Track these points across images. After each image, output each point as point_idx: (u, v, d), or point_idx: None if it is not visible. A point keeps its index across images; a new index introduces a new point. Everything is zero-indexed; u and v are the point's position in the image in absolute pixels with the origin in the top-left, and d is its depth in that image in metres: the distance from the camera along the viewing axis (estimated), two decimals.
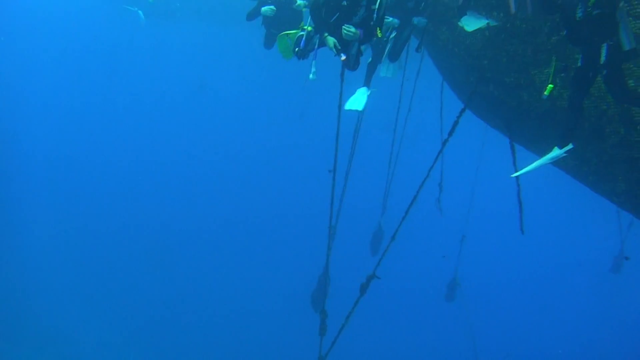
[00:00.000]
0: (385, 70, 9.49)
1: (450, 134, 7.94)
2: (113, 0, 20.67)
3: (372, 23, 6.22)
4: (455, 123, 7.88)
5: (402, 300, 23.18)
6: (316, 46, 6.59)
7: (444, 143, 8.06)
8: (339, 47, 6.28)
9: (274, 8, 8.99)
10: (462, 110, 7.88)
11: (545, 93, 5.85)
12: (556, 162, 7.02)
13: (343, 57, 6.31)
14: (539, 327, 23.90)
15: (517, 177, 7.73)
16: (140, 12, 19.12)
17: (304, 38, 6.74)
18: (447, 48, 8.81)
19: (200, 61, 26.69)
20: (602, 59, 5.33)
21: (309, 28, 7.06)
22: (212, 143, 31.95)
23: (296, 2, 9.03)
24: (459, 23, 8.18)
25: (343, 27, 6.19)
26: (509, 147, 8.23)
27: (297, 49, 6.86)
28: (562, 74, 6.31)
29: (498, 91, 8.33)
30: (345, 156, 10.39)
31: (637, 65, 5.98)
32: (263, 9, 8.99)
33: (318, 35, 6.58)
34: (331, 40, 6.27)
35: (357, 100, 8.13)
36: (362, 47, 6.90)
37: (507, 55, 7.90)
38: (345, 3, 6.16)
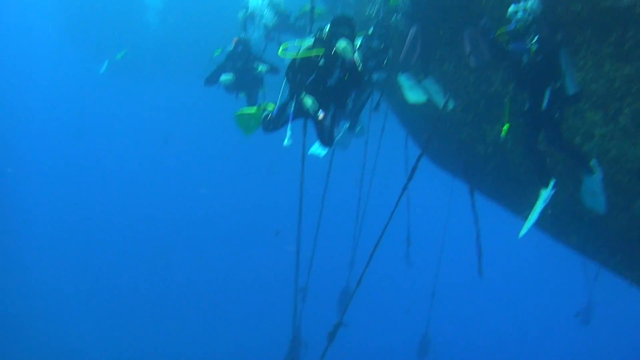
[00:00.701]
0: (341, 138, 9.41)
1: (409, 179, 7.87)
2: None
3: (346, 78, 6.13)
4: (414, 169, 7.80)
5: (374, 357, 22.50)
6: (291, 116, 6.39)
7: (404, 189, 8.00)
8: (317, 107, 6.09)
9: (233, 78, 8.88)
10: (419, 157, 7.84)
11: (502, 134, 5.96)
12: (522, 214, 7.05)
13: (321, 115, 6.11)
14: None
15: (477, 224, 7.82)
16: (105, 62, 19.47)
17: (276, 108, 6.61)
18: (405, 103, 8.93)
19: (164, 116, 26.91)
20: (546, 102, 5.54)
21: (271, 107, 7.00)
22: (177, 195, 31.88)
23: (258, 68, 9.00)
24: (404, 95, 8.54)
25: (302, 97, 6.09)
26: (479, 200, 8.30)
27: (268, 116, 6.76)
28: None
29: (455, 144, 8.49)
30: (315, 213, 10.15)
31: (582, 122, 6.11)
32: (222, 78, 8.87)
33: (292, 102, 6.42)
34: (309, 100, 6.08)
35: (318, 149, 8.04)
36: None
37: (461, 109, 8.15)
38: (321, 63, 6.01)
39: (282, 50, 6.23)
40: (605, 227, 6.63)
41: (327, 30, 6.10)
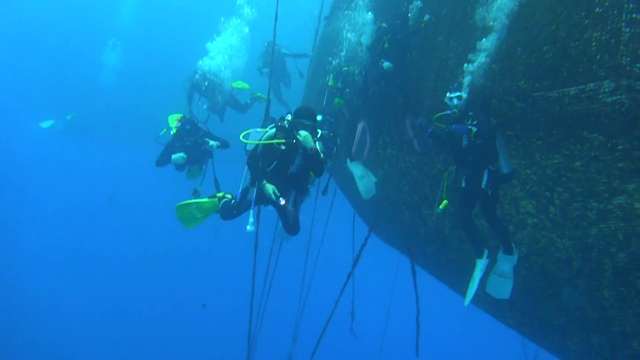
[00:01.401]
0: None
1: (356, 260, 8.04)
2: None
3: (311, 172, 6.23)
4: (362, 247, 7.97)
5: None
6: (253, 201, 6.35)
7: (352, 268, 8.17)
8: (278, 194, 6.02)
9: (185, 156, 8.73)
10: (367, 237, 8.04)
11: (440, 207, 6.21)
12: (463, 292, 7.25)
13: (282, 202, 6.05)
14: None
15: (417, 303, 7.97)
16: (52, 120, 19.38)
17: (239, 194, 6.56)
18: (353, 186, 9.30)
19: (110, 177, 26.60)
20: (484, 182, 5.89)
21: (229, 195, 7.04)
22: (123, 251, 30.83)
23: (208, 144, 8.96)
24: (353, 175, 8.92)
25: (264, 185, 6.03)
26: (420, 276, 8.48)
27: (232, 202, 6.69)
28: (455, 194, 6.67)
29: (399, 224, 8.77)
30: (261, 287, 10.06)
31: (516, 211, 6.50)
32: (174, 157, 8.70)
33: (254, 189, 6.40)
34: (270, 187, 5.99)
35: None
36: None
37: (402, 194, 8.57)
38: (283, 148, 6.03)
39: (243, 136, 6.22)
40: (535, 312, 6.92)
41: (288, 120, 6.21)
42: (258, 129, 6.31)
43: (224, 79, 11.99)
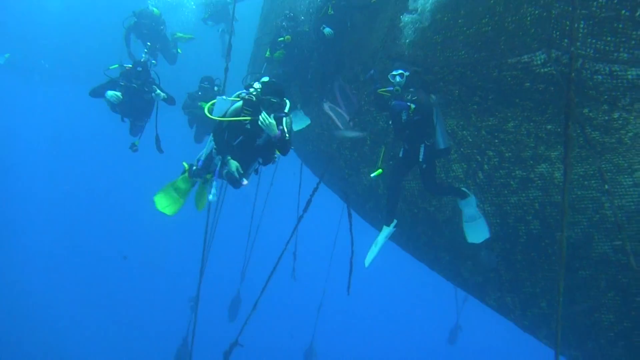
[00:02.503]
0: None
1: (305, 209, 8.09)
2: None
3: (286, 139, 5.76)
4: (310, 199, 8.02)
5: None
6: (216, 173, 6.03)
7: (299, 218, 8.23)
8: (241, 172, 5.78)
9: (120, 96, 8.01)
10: (316, 187, 8.07)
11: (372, 175, 6.30)
12: (395, 240, 7.43)
13: (245, 182, 5.81)
14: None
15: (352, 245, 8.11)
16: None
17: (201, 159, 6.28)
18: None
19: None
20: (421, 156, 5.94)
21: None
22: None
23: (155, 91, 8.30)
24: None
25: (228, 160, 5.75)
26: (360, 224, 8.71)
27: (194, 167, 6.38)
28: (391, 162, 6.75)
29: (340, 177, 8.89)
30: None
31: (446, 175, 6.73)
32: (109, 93, 7.97)
33: (219, 157, 6.05)
34: (234, 164, 5.72)
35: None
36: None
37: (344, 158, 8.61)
38: (248, 127, 5.73)
39: (207, 109, 5.85)
40: (458, 270, 7.22)
41: (256, 91, 5.89)
42: (225, 97, 5.95)
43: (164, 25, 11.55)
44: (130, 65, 8.33)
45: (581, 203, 5.47)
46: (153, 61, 8.75)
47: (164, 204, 6.88)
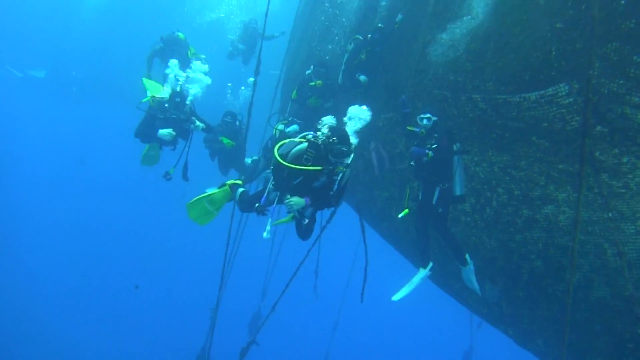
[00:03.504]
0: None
1: (325, 224, 8.22)
2: None
3: (331, 193, 5.65)
4: (330, 217, 8.13)
5: None
6: (272, 211, 5.90)
7: (320, 232, 8.37)
8: (304, 214, 5.71)
9: (173, 133, 8.03)
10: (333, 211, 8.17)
11: (400, 215, 6.37)
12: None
13: (306, 222, 5.75)
14: None
15: (365, 253, 8.15)
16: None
17: (265, 195, 6.05)
18: None
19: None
20: (435, 198, 6.07)
21: (239, 182, 6.65)
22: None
23: (195, 123, 8.27)
24: None
25: (285, 198, 5.61)
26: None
27: (257, 205, 6.09)
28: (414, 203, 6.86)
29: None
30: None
31: (453, 208, 6.75)
32: (162, 132, 8.03)
33: (277, 193, 5.94)
34: (297, 204, 5.59)
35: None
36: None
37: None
38: (318, 171, 5.50)
39: (278, 151, 5.67)
40: (465, 299, 7.28)
41: (323, 135, 5.72)
42: (295, 139, 5.85)
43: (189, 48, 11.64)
44: (167, 97, 8.27)
45: (584, 247, 5.47)
46: (191, 91, 8.69)
47: (196, 214, 6.91)
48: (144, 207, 28.84)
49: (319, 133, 5.78)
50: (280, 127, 8.76)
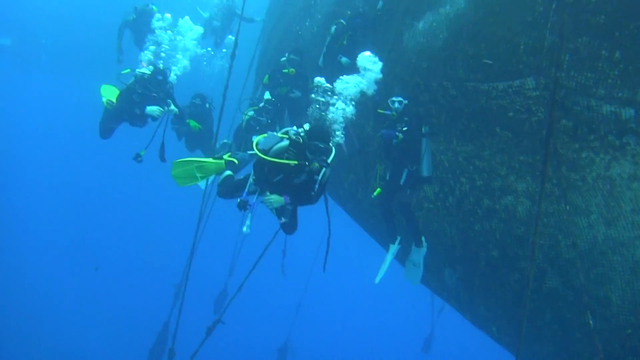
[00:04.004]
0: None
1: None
2: None
3: (312, 193, 5.56)
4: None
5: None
6: (253, 206, 5.73)
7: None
8: (281, 213, 5.67)
9: (162, 110, 7.75)
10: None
11: (373, 195, 6.44)
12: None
13: (282, 221, 5.72)
14: None
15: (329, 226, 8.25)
16: None
17: (246, 190, 5.84)
18: None
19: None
20: (402, 180, 6.15)
21: (235, 160, 6.49)
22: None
23: (170, 106, 7.98)
24: None
25: (264, 197, 5.57)
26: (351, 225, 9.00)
27: (239, 201, 5.85)
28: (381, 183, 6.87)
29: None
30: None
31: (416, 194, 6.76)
32: (150, 108, 7.70)
33: (256, 192, 5.79)
34: (275, 202, 5.54)
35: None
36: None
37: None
38: (292, 166, 5.44)
39: (256, 145, 5.64)
40: (428, 284, 7.42)
41: (303, 133, 5.63)
42: (275, 133, 5.79)
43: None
44: (149, 73, 7.95)
45: (539, 239, 5.57)
46: (175, 71, 8.44)
47: (180, 173, 6.71)
48: (116, 180, 28.28)
49: (300, 130, 5.73)
50: (251, 112, 8.62)
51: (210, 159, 6.77)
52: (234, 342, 21.73)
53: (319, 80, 6.21)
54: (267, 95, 8.72)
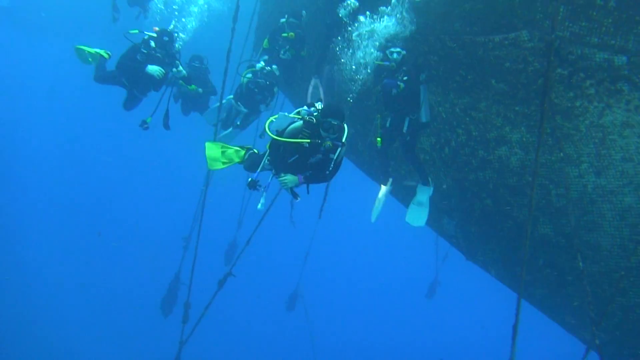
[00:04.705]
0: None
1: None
2: None
3: (327, 172, 5.44)
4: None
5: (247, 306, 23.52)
6: (267, 186, 5.65)
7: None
8: (297, 193, 5.55)
9: (164, 71, 7.47)
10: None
11: (379, 145, 6.51)
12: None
13: (298, 198, 5.64)
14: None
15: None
16: None
17: (258, 170, 5.82)
18: None
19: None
20: (405, 128, 6.29)
21: (256, 151, 6.36)
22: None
23: (178, 67, 7.78)
24: None
25: (278, 177, 5.48)
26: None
27: (250, 180, 5.81)
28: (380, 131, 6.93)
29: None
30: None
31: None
32: (151, 68, 7.43)
33: (273, 170, 5.77)
34: (290, 182, 5.40)
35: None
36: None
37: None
38: (307, 145, 5.32)
39: (268, 125, 5.53)
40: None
41: (316, 116, 5.47)
42: (286, 114, 5.67)
43: None
44: (155, 34, 7.70)
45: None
46: (181, 34, 8.21)
47: (212, 156, 6.64)
48: (120, 140, 28.28)
49: (312, 109, 5.66)
50: (249, 75, 8.58)
51: (235, 147, 6.70)
52: (246, 292, 22.42)
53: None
54: (261, 63, 8.67)
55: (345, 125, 5.46)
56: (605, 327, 5.56)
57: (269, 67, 8.58)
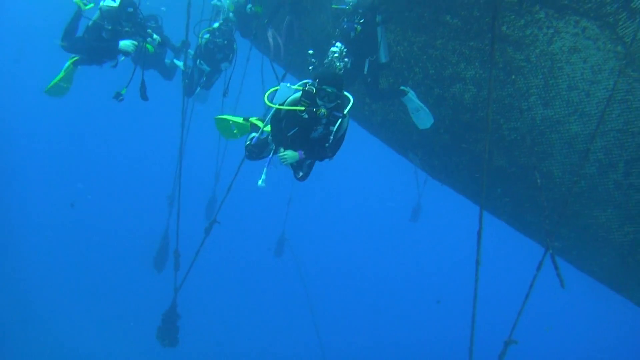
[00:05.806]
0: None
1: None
2: None
3: (327, 145, 5.24)
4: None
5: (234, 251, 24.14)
6: (271, 154, 5.43)
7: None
8: (295, 165, 5.39)
9: (136, 44, 6.98)
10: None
11: None
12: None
13: (300, 175, 5.51)
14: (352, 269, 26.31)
15: None
16: None
17: (255, 139, 5.68)
18: None
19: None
20: (365, 69, 6.42)
21: (260, 123, 6.06)
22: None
23: (152, 36, 7.38)
24: None
25: (278, 153, 5.24)
26: None
27: (248, 143, 5.74)
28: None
29: None
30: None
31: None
32: (123, 43, 6.97)
33: (272, 147, 5.49)
34: (290, 157, 5.17)
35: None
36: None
37: None
38: (305, 116, 5.07)
39: (267, 96, 5.34)
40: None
41: (313, 85, 5.19)
42: (289, 85, 5.47)
43: None
44: (116, 5, 7.03)
45: (483, 123, 5.86)
46: None
47: (223, 128, 6.77)
48: (95, 102, 27.66)
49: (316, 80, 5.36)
50: (206, 35, 8.41)
51: (240, 119, 6.58)
52: (234, 240, 22.87)
53: None
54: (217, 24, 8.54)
55: (350, 96, 5.23)
56: (558, 236, 5.82)
57: (225, 26, 8.41)
